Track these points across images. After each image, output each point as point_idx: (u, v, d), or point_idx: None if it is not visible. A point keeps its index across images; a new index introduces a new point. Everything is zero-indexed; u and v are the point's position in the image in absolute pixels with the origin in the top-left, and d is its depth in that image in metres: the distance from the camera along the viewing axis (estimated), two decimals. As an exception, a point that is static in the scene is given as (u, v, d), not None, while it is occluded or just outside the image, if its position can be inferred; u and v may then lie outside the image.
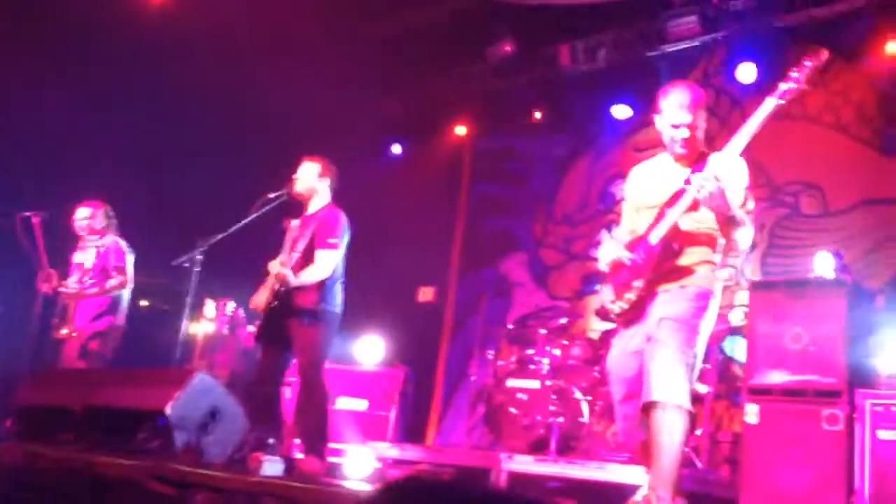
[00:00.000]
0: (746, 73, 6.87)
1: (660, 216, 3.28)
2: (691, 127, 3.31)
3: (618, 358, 3.38)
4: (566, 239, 7.92)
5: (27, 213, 5.85)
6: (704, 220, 3.25)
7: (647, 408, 3.08)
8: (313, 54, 7.87)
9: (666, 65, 7.43)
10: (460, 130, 8.67)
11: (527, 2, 7.53)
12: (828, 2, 6.60)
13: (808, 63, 3.14)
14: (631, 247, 3.36)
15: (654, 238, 3.26)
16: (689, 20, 7.11)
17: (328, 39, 7.95)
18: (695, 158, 3.36)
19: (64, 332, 5.74)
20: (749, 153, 6.27)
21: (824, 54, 3.18)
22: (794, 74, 3.13)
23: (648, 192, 3.44)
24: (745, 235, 3.24)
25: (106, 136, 7.11)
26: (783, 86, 3.12)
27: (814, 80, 3.15)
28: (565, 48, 7.88)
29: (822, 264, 5.20)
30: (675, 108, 3.31)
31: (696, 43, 7.26)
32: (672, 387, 3.03)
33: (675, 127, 3.32)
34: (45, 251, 5.85)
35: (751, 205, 3.32)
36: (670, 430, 3.02)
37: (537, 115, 8.17)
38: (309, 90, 7.97)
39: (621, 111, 7.61)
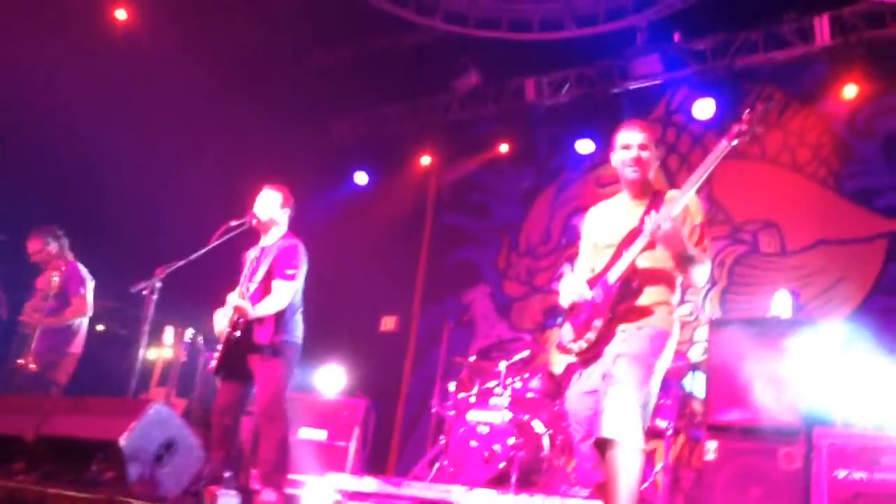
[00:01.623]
0: (704, 109, 7.01)
1: (617, 255, 3.31)
2: (641, 147, 3.36)
3: (575, 398, 3.38)
4: (529, 271, 7.96)
5: None
6: (662, 259, 3.28)
7: (601, 445, 3.07)
8: (275, 83, 7.89)
9: (628, 101, 7.57)
10: (425, 161, 8.70)
11: (493, 35, 7.63)
12: (786, 46, 6.78)
13: (760, 106, 3.18)
14: (591, 285, 3.38)
15: (613, 277, 3.28)
16: (651, 58, 7.26)
17: (289, 67, 7.98)
18: (651, 196, 3.40)
19: (21, 361, 5.62)
20: (709, 191, 6.38)
21: (777, 97, 3.25)
22: (746, 116, 3.16)
23: (606, 230, 3.47)
24: (701, 273, 3.28)
25: (63, 157, 7.03)
26: (736, 128, 3.16)
27: (767, 122, 3.18)
28: (531, 82, 7.99)
29: (780, 303, 5.28)
30: (625, 133, 3.41)
31: (658, 81, 7.41)
32: (625, 425, 3.03)
33: (626, 147, 3.38)
34: None
35: (707, 242, 3.35)
36: (626, 470, 3.01)
37: (503, 147, 8.24)
38: (272, 118, 7.97)
39: (584, 146, 7.71)
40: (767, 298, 5.99)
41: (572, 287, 3.40)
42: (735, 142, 3.15)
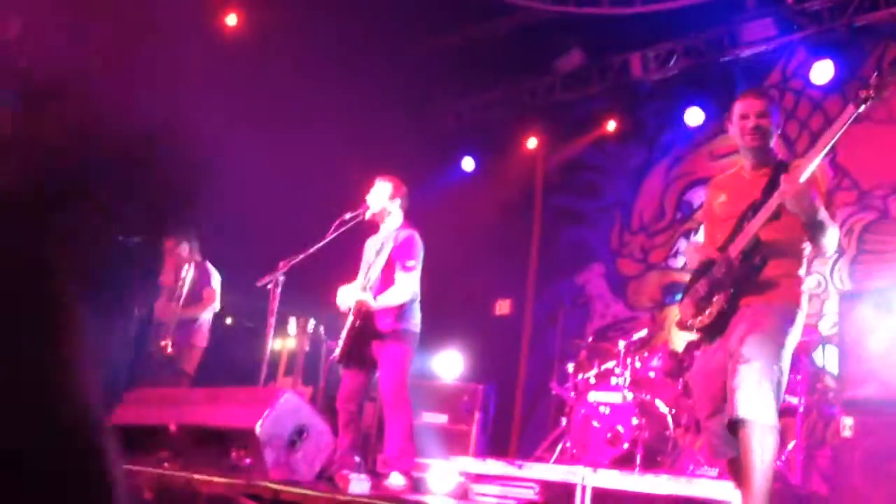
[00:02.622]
0: (823, 72, 6.68)
1: (738, 227, 3.24)
2: (759, 115, 3.29)
3: (701, 374, 3.33)
4: (644, 249, 7.82)
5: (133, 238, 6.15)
6: (787, 230, 3.18)
7: (734, 425, 3.01)
8: (379, 73, 8.01)
9: (740, 69, 7.30)
10: (531, 143, 8.66)
11: (594, 12, 7.50)
12: (911, -2, 6.38)
13: (888, 68, 3.04)
14: (712, 257, 3.31)
15: (735, 250, 3.20)
16: (763, 22, 6.97)
17: (392, 57, 8.08)
18: (773, 166, 3.31)
19: (162, 342, 6.00)
20: (832, 157, 6.11)
21: None
22: (874, 80, 3.01)
23: (727, 203, 3.41)
24: (831, 239, 3.16)
25: (188, 162, 7.36)
26: (864, 93, 3.01)
27: (892, 85, 3.01)
28: (636, 57, 7.82)
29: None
30: (743, 102, 3.35)
31: (772, 46, 7.10)
32: (759, 404, 2.96)
33: (744, 117, 3.31)
34: (141, 276, 6.14)
35: (834, 209, 3.25)
36: (760, 450, 2.95)
37: (610, 125, 8.11)
38: (379, 108, 8.10)
39: (694, 118, 7.49)
40: (900, 266, 5.71)
41: (698, 250, 3.39)
42: (862, 108, 3.02)
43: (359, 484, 3.67)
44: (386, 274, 4.75)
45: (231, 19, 7.68)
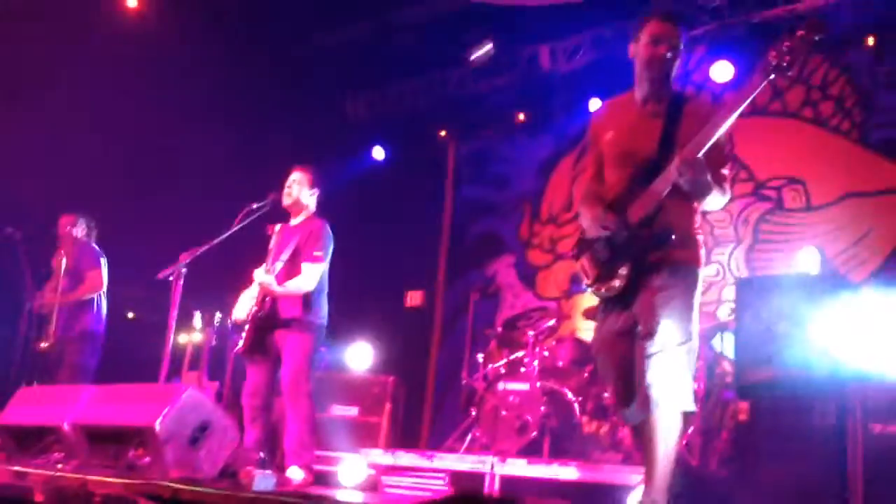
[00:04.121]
0: (722, 71, 6.88)
1: (632, 188, 3.09)
2: (672, 47, 3.10)
3: (605, 344, 3.22)
4: (552, 239, 7.93)
5: (8, 229, 5.79)
6: (684, 193, 3.04)
7: (644, 411, 2.98)
8: (287, 64, 7.88)
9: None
10: (443, 134, 8.65)
11: (504, 3, 7.53)
12: (806, -5, 6.63)
13: (801, 34, 2.86)
14: (611, 219, 3.13)
15: (634, 216, 3.07)
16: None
17: (300, 47, 7.95)
18: (667, 102, 3.15)
19: (44, 344, 5.68)
20: (729, 149, 6.28)
21: (822, 29, 2.88)
22: (786, 45, 2.86)
23: (614, 143, 3.22)
24: (715, 202, 3.10)
25: (90, 150, 7.08)
26: (774, 59, 2.87)
27: (808, 51, 2.87)
28: (545, 49, 7.89)
29: (807, 259, 5.22)
30: (658, 25, 3.15)
31: (677, 40, 7.26)
32: (673, 391, 2.94)
33: (656, 42, 3.12)
34: (29, 267, 5.80)
35: (727, 171, 3.14)
36: (666, 434, 2.95)
37: (521, 116, 8.17)
38: (287, 99, 7.96)
39: (596, 105, 7.61)
40: (793, 255, 5.94)
41: (597, 219, 3.17)
42: (772, 75, 2.88)
43: (263, 480, 3.59)
44: (292, 263, 4.67)
45: (131, 1, 7.37)
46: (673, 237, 3.05)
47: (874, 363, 4.20)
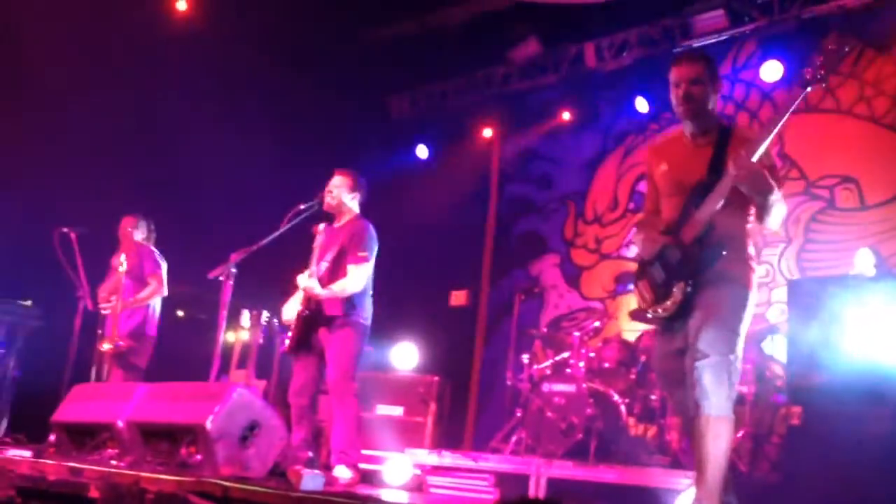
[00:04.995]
0: (771, 71, 6.78)
1: (687, 210, 3.20)
2: (691, 81, 3.23)
3: (663, 359, 3.35)
4: (597, 239, 7.87)
5: (65, 229, 5.92)
6: (736, 213, 3.19)
7: (692, 420, 3.07)
8: (333, 63, 7.92)
9: (693, 60, 7.34)
10: (487, 133, 8.64)
11: (550, 1, 7.49)
12: (858, -9, 6.48)
13: (831, 48, 3.05)
14: (665, 239, 3.27)
15: (688, 236, 3.18)
16: (716, 14, 7.04)
17: (345, 46, 7.99)
18: (716, 133, 3.27)
19: (106, 346, 5.80)
20: (780, 148, 6.17)
21: (849, 41, 3.14)
22: (818, 61, 3.04)
23: (668, 175, 3.36)
24: (777, 216, 3.17)
25: (141, 150, 7.22)
26: (809, 74, 3.05)
27: (840, 64, 3.08)
28: (590, 46, 7.84)
29: (863, 260, 5.11)
30: (674, 70, 3.29)
31: (724, 37, 7.17)
32: (714, 398, 3.03)
33: (675, 86, 3.26)
34: (83, 266, 5.92)
35: (780, 185, 3.21)
36: (716, 440, 3.01)
37: (565, 115, 8.12)
38: (332, 98, 8.01)
39: (645, 108, 7.55)
40: (846, 256, 5.81)
41: (653, 241, 3.31)
42: (809, 88, 3.04)
43: (312, 480, 3.62)
44: (336, 265, 4.70)
45: (181, 4, 7.48)
46: (724, 253, 3.14)
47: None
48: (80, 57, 6.76)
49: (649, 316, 3.35)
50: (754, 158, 3.02)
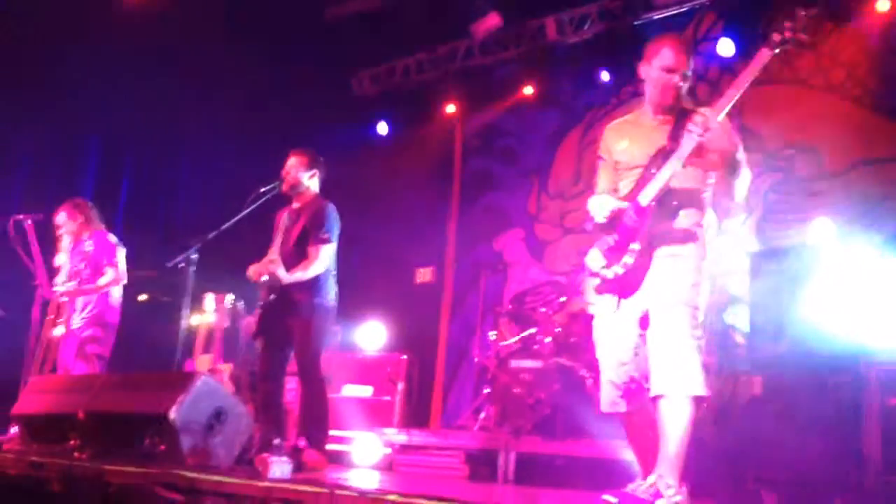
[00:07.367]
0: (725, 48, 6.80)
1: (647, 175, 3.16)
2: (684, 76, 3.23)
3: (610, 333, 3.25)
4: (561, 213, 7.88)
5: (20, 216, 5.78)
6: (694, 179, 3.20)
7: (655, 398, 3.04)
8: (290, 41, 7.79)
9: (652, 32, 7.32)
10: (450, 108, 8.58)
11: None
12: (815, -39, 6.50)
13: (801, 13, 3.02)
14: (623, 207, 3.21)
15: (646, 198, 3.12)
16: (676, -15, 7.04)
17: (303, 24, 7.86)
18: (677, 113, 3.25)
19: (58, 330, 5.66)
20: (739, 120, 6.17)
21: (814, 8, 3.07)
22: (788, 24, 3.01)
23: (630, 150, 3.32)
24: (743, 182, 3.18)
25: (97, 135, 7.07)
26: (778, 36, 3.02)
27: (810, 30, 3.02)
28: (551, 20, 7.80)
29: (821, 229, 5.17)
30: (672, 55, 3.22)
31: (684, 8, 7.18)
32: (682, 377, 2.99)
33: (669, 71, 3.21)
34: (41, 254, 5.78)
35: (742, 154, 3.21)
36: (678, 419, 2.99)
37: (527, 89, 8.09)
38: (292, 77, 7.89)
39: (605, 77, 7.54)
40: (805, 226, 5.88)
41: (605, 204, 3.24)
42: (777, 50, 3.02)
43: (279, 467, 3.60)
44: (299, 246, 4.66)
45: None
46: (681, 214, 3.13)
47: (890, 335, 4.17)
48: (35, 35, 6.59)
49: (603, 278, 3.23)
50: (719, 118, 3.03)
